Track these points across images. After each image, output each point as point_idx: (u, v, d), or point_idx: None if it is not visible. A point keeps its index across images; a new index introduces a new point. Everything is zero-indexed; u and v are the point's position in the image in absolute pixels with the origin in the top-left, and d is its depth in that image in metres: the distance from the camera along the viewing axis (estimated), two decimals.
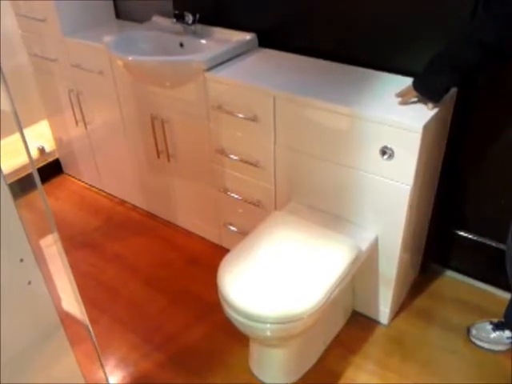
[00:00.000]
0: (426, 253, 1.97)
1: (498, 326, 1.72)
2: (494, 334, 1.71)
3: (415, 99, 1.49)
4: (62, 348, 1.04)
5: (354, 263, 1.53)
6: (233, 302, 1.38)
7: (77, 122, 2.42)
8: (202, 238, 2.28)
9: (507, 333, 1.70)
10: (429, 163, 1.59)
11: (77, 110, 2.36)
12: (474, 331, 1.75)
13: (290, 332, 1.41)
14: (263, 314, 1.35)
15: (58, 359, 1.05)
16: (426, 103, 1.47)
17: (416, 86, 1.46)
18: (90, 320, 1.89)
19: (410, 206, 1.54)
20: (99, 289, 2.06)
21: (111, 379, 1.70)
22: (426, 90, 1.45)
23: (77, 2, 2.18)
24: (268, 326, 1.37)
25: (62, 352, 1.04)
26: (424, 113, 1.44)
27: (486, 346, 1.72)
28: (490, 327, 1.73)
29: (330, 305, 1.45)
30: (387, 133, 1.45)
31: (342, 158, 1.59)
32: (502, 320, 1.72)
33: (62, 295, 1.03)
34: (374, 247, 1.67)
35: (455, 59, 1.37)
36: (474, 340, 1.75)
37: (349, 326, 1.83)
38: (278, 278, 1.44)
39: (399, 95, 1.51)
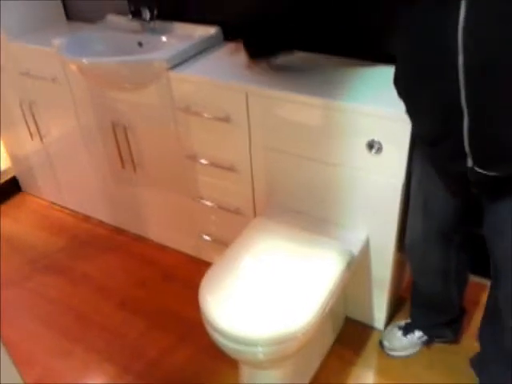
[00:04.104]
0: None
1: (407, 330, 1.61)
2: (406, 339, 1.60)
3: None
4: None
5: (347, 269, 1.40)
6: (218, 325, 1.23)
7: (32, 136, 2.22)
8: (178, 252, 2.11)
9: (417, 333, 1.60)
10: None
11: (30, 122, 2.17)
12: (386, 343, 1.63)
13: (284, 353, 1.27)
14: (253, 336, 1.21)
15: None
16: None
17: (245, 43, 1.51)
18: (63, 352, 1.73)
19: (402, 202, 1.42)
20: (69, 316, 1.88)
21: None
22: (250, 48, 1.50)
23: (20, 2, 1.99)
24: (260, 349, 1.22)
25: None
26: None
27: (403, 353, 1.61)
28: (399, 333, 1.62)
29: (324, 318, 1.32)
30: (373, 125, 1.32)
31: (325, 156, 1.46)
32: (409, 321, 1.63)
33: None
34: (366, 249, 1.55)
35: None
36: (389, 352, 1.62)
37: (344, 335, 1.70)
38: (266, 295, 1.29)
39: (230, 50, 1.61)
